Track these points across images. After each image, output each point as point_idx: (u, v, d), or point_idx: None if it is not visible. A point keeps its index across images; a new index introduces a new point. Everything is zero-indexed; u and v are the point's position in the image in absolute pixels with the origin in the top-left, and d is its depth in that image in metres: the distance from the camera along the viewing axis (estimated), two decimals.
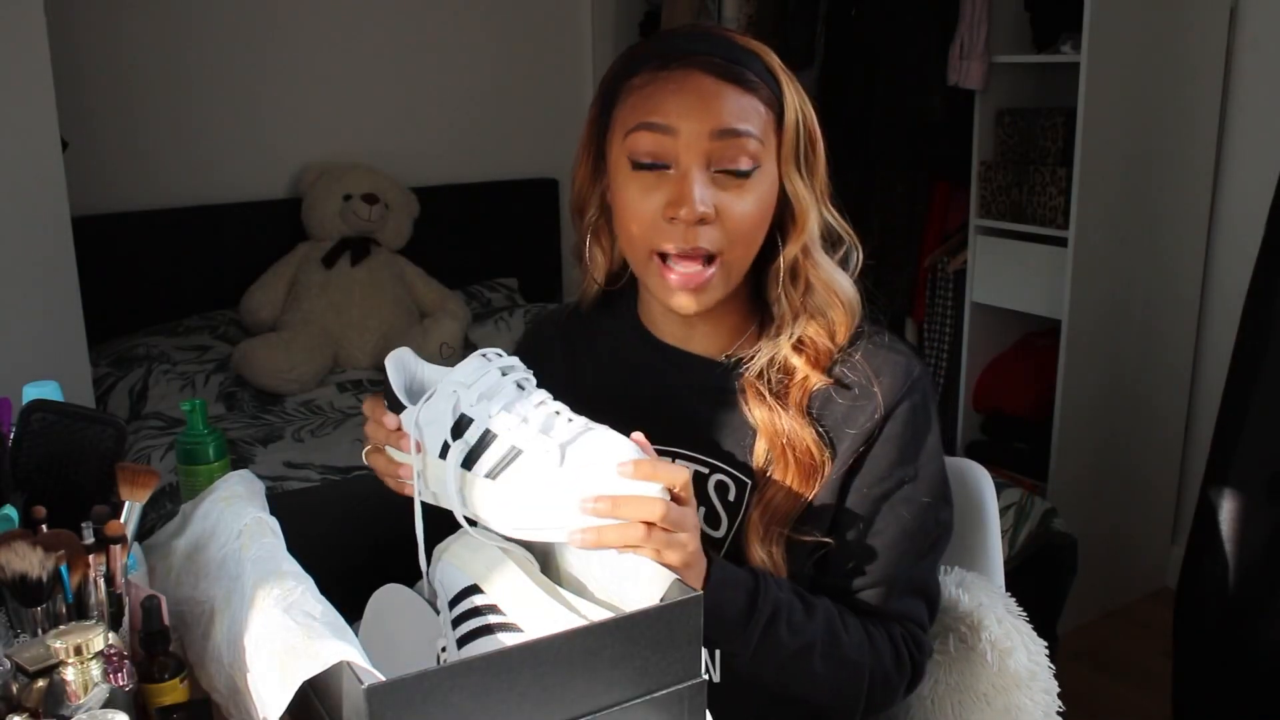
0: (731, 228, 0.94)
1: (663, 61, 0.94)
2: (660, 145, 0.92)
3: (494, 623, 0.80)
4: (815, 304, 0.99)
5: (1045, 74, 2.64)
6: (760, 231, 0.97)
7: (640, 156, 0.94)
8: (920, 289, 2.96)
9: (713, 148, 0.92)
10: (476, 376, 0.84)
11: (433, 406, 0.84)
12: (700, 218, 0.92)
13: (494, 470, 0.82)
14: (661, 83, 0.93)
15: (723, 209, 0.93)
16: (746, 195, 0.94)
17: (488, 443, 0.82)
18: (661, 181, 0.93)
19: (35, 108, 2.05)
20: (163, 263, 2.90)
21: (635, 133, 0.93)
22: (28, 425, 0.99)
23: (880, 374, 0.99)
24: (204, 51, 2.94)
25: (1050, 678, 1.08)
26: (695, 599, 0.74)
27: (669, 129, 0.92)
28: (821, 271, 0.99)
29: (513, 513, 0.82)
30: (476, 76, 3.39)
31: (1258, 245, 1.77)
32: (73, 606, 0.87)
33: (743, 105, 0.93)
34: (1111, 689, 2.37)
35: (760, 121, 0.94)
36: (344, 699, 0.67)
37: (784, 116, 0.95)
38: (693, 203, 0.91)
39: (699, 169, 0.92)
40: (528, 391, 0.85)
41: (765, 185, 0.95)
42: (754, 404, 0.98)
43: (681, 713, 0.75)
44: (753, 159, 0.93)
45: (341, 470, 2.30)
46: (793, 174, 0.96)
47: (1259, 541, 1.72)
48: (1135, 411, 2.64)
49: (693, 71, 0.93)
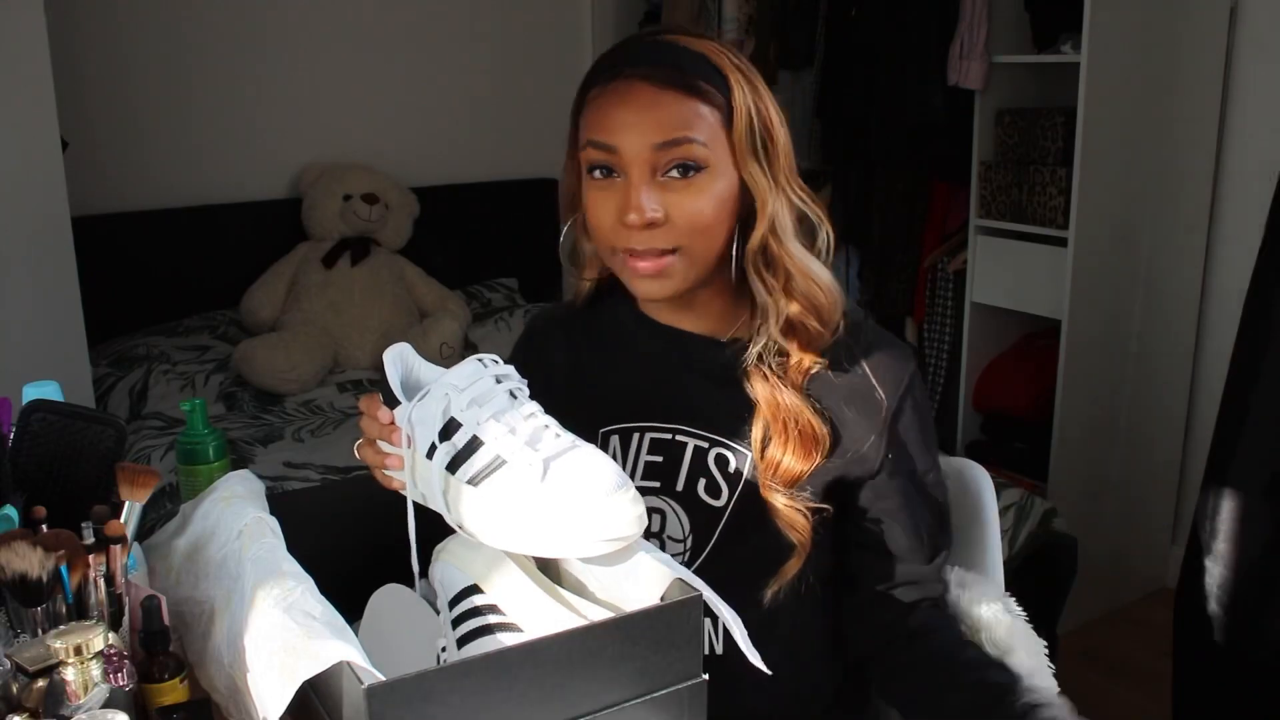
0: (684, 225, 0.98)
1: (611, 74, 1.00)
2: (607, 159, 0.99)
3: (494, 623, 0.80)
4: (797, 289, 1.02)
5: (1045, 74, 2.64)
6: (719, 224, 1.00)
7: (592, 167, 1.00)
8: (920, 289, 2.96)
9: (656, 157, 0.97)
10: (470, 381, 0.84)
11: (425, 406, 0.84)
12: (649, 222, 0.97)
13: (476, 477, 0.81)
14: (608, 96, 0.99)
15: (672, 209, 0.98)
16: (696, 194, 0.98)
17: (474, 449, 0.82)
18: (613, 188, 0.99)
19: (35, 108, 2.05)
20: (163, 263, 2.90)
21: (586, 149, 1.00)
22: (28, 425, 0.99)
23: (878, 361, 1.05)
24: (204, 52, 2.94)
25: (1050, 677, 1.08)
26: (695, 599, 0.74)
27: (612, 148, 0.98)
28: (794, 259, 1.02)
29: (490, 522, 0.81)
30: (476, 76, 3.39)
31: (1258, 245, 1.77)
32: (73, 606, 0.87)
33: (684, 111, 0.97)
34: (1111, 689, 2.37)
35: (705, 124, 0.97)
36: (344, 699, 0.67)
37: (733, 115, 0.98)
38: (640, 209, 0.97)
39: (644, 177, 0.97)
40: (519, 401, 0.85)
41: (718, 182, 0.99)
42: (755, 381, 1.03)
43: (681, 713, 0.75)
44: (699, 160, 0.97)
45: (341, 470, 2.30)
46: (748, 165, 0.99)
47: (1259, 541, 1.72)
48: (1135, 411, 2.64)
49: (634, 83, 0.98)
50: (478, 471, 0.81)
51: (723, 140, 0.98)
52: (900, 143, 2.78)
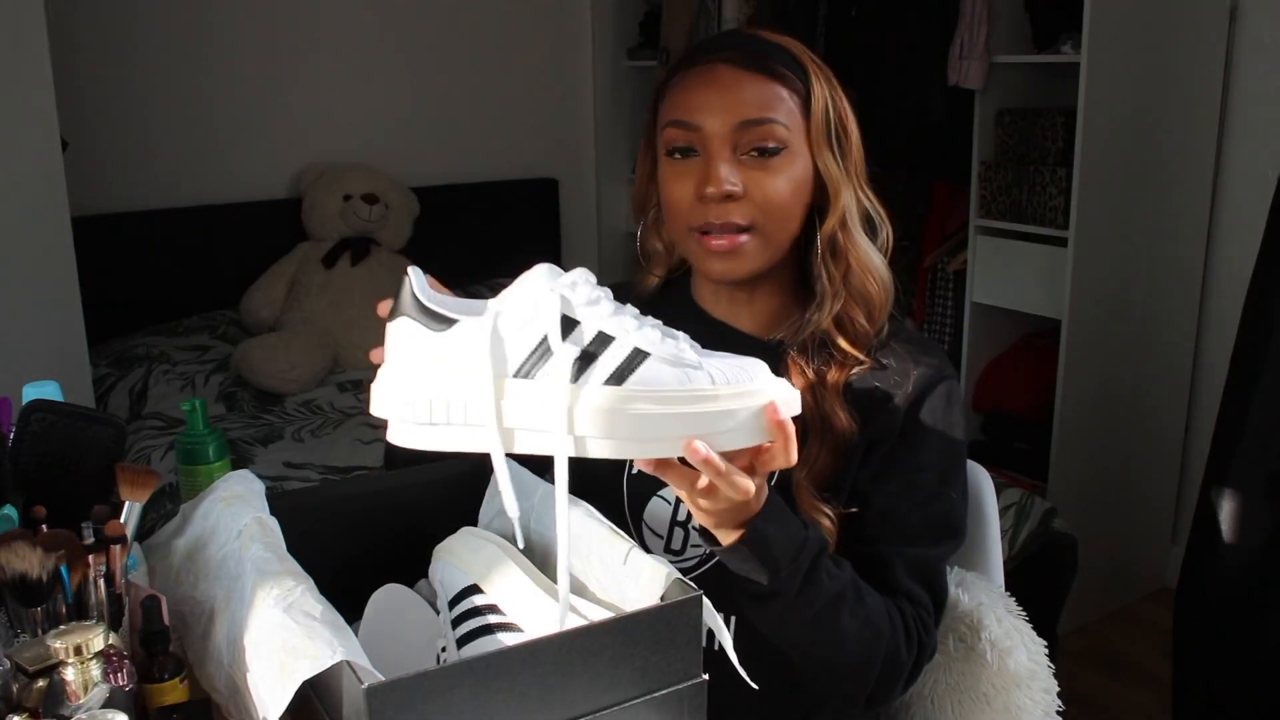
0: (761, 202, 1.00)
1: (692, 61, 1.04)
2: (689, 138, 1.01)
3: (494, 623, 0.80)
4: (854, 284, 1.04)
5: (1045, 74, 2.64)
6: (794, 208, 1.02)
7: (672, 147, 1.02)
8: (920, 289, 2.96)
9: (737, 136, 0.99)
10: (572, 280, 0.73)
11: (514, 313, 0.71)
12: (727, 194, 0.99)
13: (616, 375, 0.72)
14: (690, 80, 1.02)
15: (751, 186, 1.00)
16: (774, 174, 1.00)
17: (604, 345, 0.72)
18: (693, 166, 1.01)
19: (35, 108, 2.05)
20: (163, 263, 2.90)
21: (667, 129, 1.03)
22: (28, 425, 0.99)
23: (916, 365, 1.04)
24: (204, 51, 2.94)
25: (1050, 677, 1.08)
26: (695, 598, 0.74)
27: (695, 125, 1.00)
28: (859, 251, 1.04)
29: (646, 423, 0.71)
30: (476, 76, 3.39)
31: (1258, 245, 1.77)
32: (73, 606, 0.87)
33: (764, 92, 1.00)
34: (1111, 689, 2.37)
35: (785, 107, 1.00)
36: (344, 699, 0.67)
37: (811, 103, 1.01)
38: (719, 180, 0.99)
39: (725, 152, 1.00)
40: (625, 307, 0.76)
41: (795, 165, 1.01)
42: (794, 378, 1.03)
43: (681, 713, 0.75)
44: (778, 141, 1.00)
45: (341, 470, 2.30)
46: (824, 154, 1.02)
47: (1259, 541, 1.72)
48: (1135, 411, 2.63)
49: (716, 65, 1.01)
50: (617, 368, 0.72)
51: (800, 126, 1.01)
52: (900, 143, 2.78)
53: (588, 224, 3.75)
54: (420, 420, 0.73)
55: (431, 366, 0.73)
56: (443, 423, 0.72)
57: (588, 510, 0.86)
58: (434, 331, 0.73)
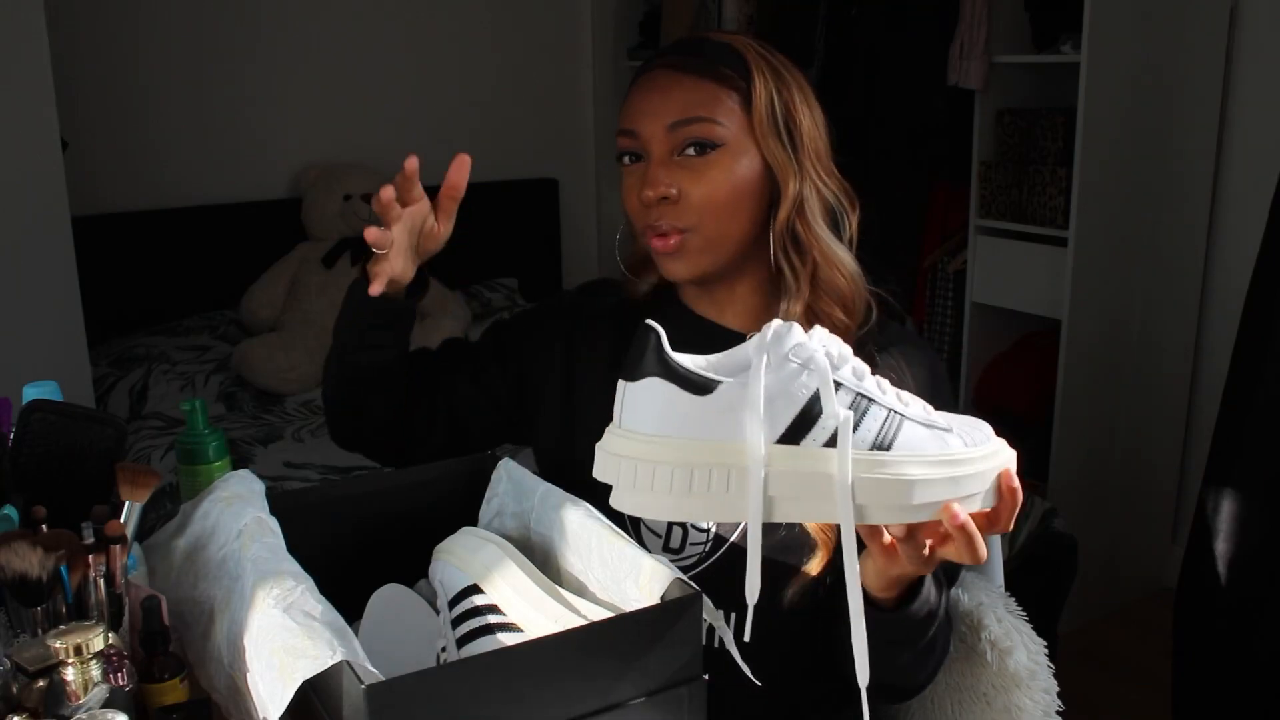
0: (699, 201, 1.01)
1: (641, 69, 1.08)
2: (631, 144, 1.04)
3: (494, 623, 0.80)
4: (821, 277, 1.04)
5: (1045, 74, 2.64)
6: (736, 205, 1.02)
7: (620, 153, 1.06)
8: (920, 289, 2.96)
9: (671, 137, 1.01)
10: (823, 339, 0.70)
11: (780, 373, 0.67)
12: (660, 196, 1.01)
13: (880, 440, 0.70)
14: (634, 87, 1.06)
15: (688, 186, 1.01)
16: (710, 173, 1.01)
17: (864, 408, 0.70)
18: (638, 171, 1.04)
19: (35, 108, 2.05)
20: (163, 263, 2.90)
21: (618, 137, 1.06)
22: (28, 425, 0.99)
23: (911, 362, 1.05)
24: (204, 52, 2.94)
25: (1050, 677, 1.08)
26: (695, 598, 0.74)
27: (632, 132, 1.03)
28: (822, 244, 1.04)
29: (904, 489, 0.70)
30: (477, 77, 3.39)
31: (1258, 245, 1.77)
32: (73, 606, 0.87)
33: (698, 92, 1.01)
34: (1111, 689, 2.37)
35: (723, 105, 1.01)
36: (344, 699, 0.67)
37: (752, 98, 1.01)
38: (654, 183, 1.01)
39: (662, 156, 1.02)
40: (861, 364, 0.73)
41: (738, 162, 1.01)
42: None
43: (682, 712, 0.75)
44: (714, 138, 1.00)
45: (341, 470, 2.30)
46: (769, 145, 1.02)
47: (1259, 541, 1.72)
48: (1135, 411, 2.63)
49: (657, 71, 1.04)
50: (879, 432, 0.70)
51: (742, 122, 1.01)
52: (900, 143, 2.78)
53: (588, 224, 3.75)
54: (676, 489, 0.68)
55: (692, 432, 0.68)
56: (702, 492, 0.68)
57: (588, 510, 0.86)
58: (693, 396, 0.68)
